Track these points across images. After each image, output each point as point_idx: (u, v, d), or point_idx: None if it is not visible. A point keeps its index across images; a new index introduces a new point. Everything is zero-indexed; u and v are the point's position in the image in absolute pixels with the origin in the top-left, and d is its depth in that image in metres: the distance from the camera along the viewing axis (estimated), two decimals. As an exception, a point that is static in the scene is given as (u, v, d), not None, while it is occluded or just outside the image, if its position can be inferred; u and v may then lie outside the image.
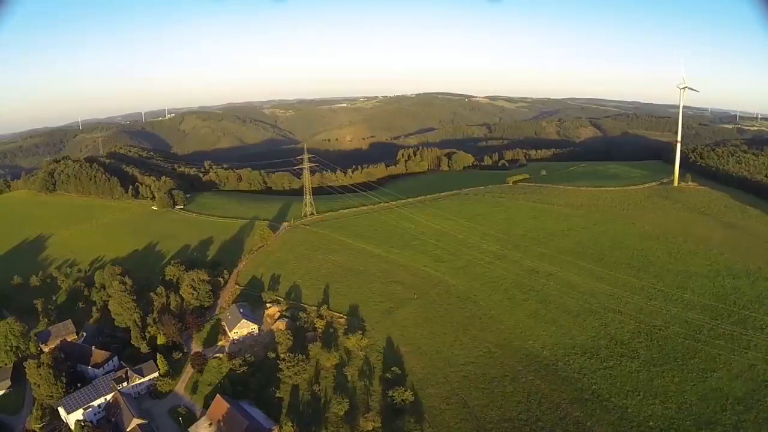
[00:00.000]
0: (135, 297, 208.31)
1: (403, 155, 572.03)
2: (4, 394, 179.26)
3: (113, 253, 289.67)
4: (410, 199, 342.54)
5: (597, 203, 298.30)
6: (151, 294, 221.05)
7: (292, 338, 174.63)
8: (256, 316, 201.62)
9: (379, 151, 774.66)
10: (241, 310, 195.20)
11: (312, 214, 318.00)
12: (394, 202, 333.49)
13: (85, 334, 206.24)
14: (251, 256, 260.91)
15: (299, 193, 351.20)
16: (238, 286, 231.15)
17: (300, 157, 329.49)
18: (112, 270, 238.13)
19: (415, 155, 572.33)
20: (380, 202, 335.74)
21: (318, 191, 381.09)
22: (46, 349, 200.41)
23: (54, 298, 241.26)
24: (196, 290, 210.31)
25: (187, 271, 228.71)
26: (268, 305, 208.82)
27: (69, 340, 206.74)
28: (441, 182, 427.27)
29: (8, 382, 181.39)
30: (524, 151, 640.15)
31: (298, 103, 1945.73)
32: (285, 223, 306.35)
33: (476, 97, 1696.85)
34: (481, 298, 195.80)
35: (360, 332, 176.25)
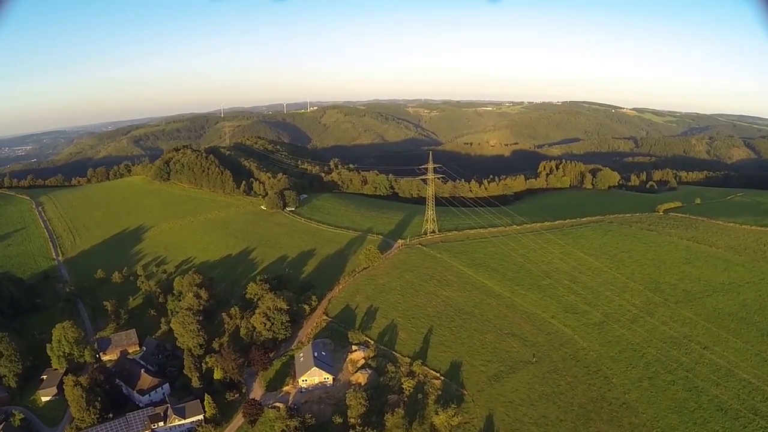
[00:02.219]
0: (201, 318, 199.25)
1: (544, 168, 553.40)
2: (49, 402, 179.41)
3: (204, 256, 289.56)
4: (546, 223, 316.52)
5: (764, 249, 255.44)
6: (224, 315, 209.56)
7: (366, 404, 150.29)
8: (335, 359, 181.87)
9: (520, 160, 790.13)
10: (316, 354, 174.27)
11: (433, 232, 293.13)
12: (528, 225, 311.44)
13: (145, 348, 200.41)
14: (351, 279, 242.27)
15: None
16: (326, 317, 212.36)
17: (424, 166, 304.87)
18: (192, 278, 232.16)
19: (557, 168, 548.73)
20: (512, 225, 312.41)
21: (448, 203, 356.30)
22: (104, 358, 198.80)
23: (129, 301, 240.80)
24: (269, 320, 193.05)
25: (270, 292, 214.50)
26: (353, 348, 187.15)
27: (129, 351, 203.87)
28: (582, 203, 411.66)
29: (54, 390, 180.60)
30: (674, 171, 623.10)
31: (443, 104, 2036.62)
32: (400, 241, 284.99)
33: (623, 108, 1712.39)
34: (615, 373, 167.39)
35: (454, 405, 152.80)
